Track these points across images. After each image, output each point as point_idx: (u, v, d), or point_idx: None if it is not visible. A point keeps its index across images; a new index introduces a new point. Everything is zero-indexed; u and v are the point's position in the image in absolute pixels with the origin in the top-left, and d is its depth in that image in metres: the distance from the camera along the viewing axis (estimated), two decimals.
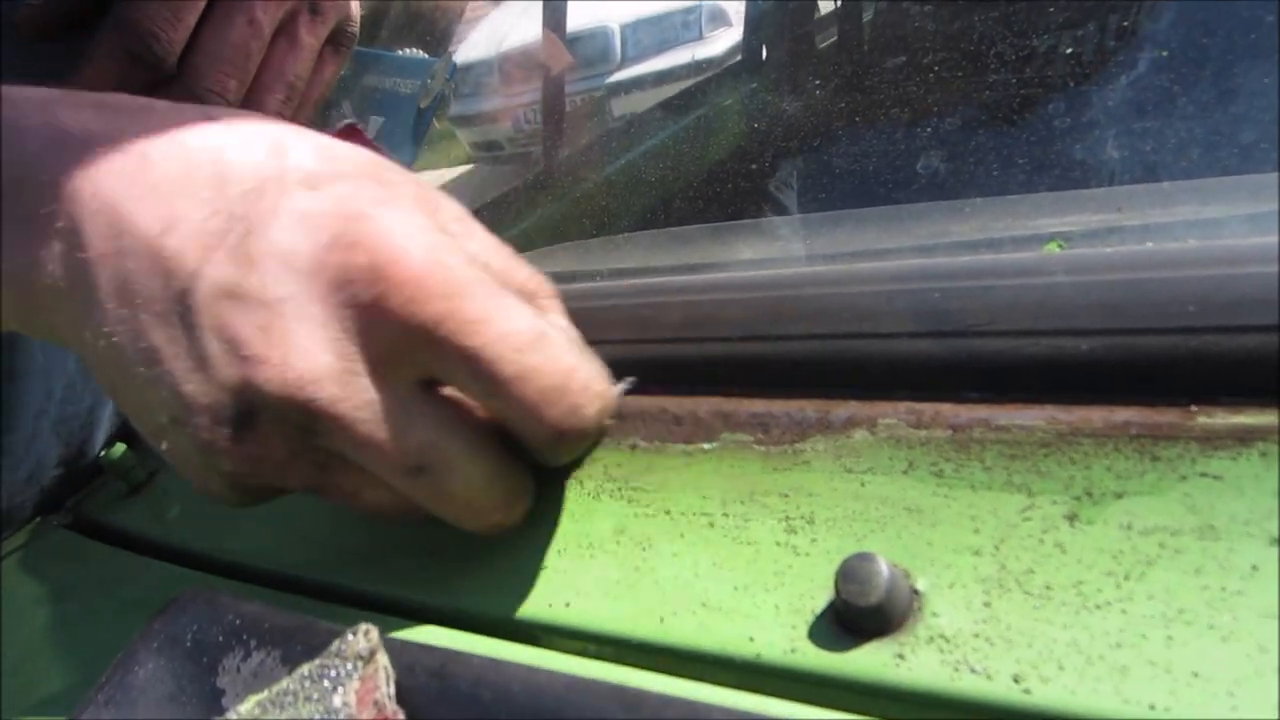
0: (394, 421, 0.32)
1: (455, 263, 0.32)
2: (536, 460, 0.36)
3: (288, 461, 0.34)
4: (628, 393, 0.39)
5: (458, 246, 0.34)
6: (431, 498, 0.34)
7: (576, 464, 0.40)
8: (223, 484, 0.35)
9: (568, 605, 0.35)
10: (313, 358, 0.31)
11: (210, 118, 0.35)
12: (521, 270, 0.37)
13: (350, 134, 0.58)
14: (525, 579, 0.37)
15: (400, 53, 0.69)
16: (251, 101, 0.54)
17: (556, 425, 0.33)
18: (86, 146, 0.33)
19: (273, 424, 0.32)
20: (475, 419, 0.35)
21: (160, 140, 0.34)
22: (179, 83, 0.51)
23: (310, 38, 0.54)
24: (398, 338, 0.32)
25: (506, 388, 0.32)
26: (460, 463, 0.33)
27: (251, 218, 0.32)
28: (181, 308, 0.31)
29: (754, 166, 0.70)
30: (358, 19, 0.59)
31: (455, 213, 0.37)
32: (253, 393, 0.31)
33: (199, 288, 0.31)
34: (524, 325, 0.32)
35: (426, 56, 0.68)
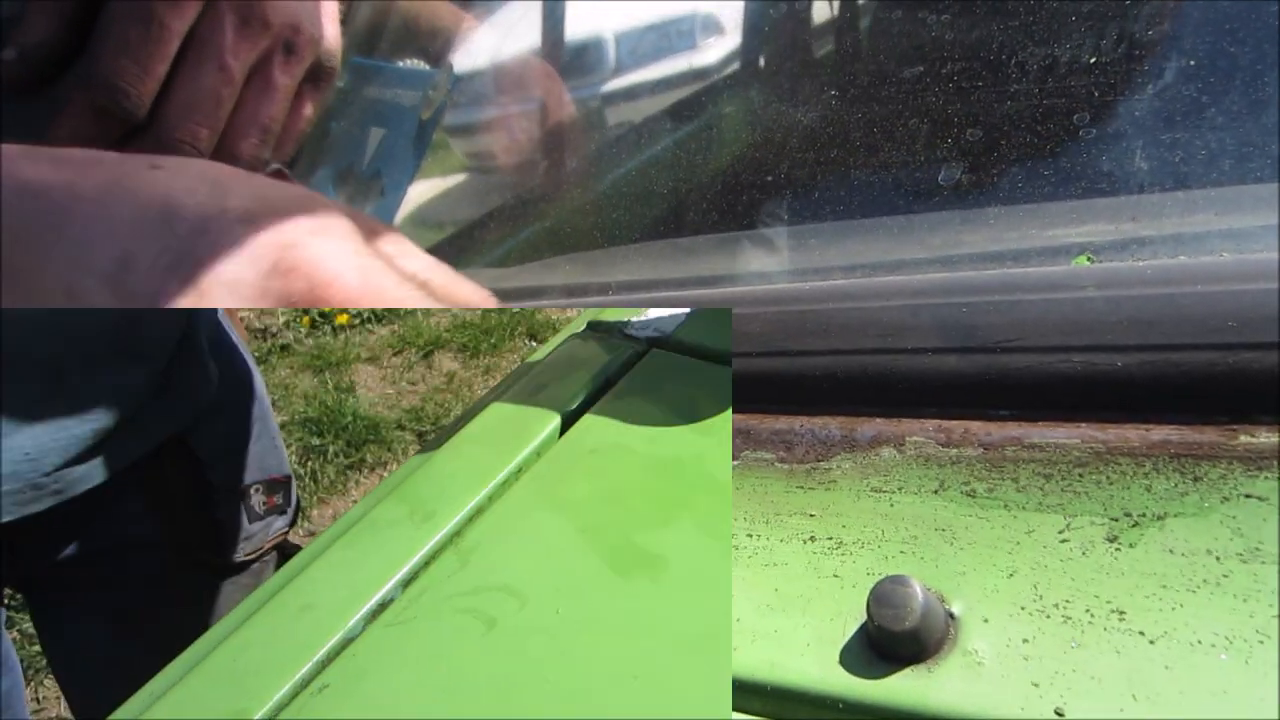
0: None
1: (387, 283, 0.35)
2: None
3: None
4: None
5: (392, 267, 0.37)
6: None
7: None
8: None
9: None
10: None
11: (155, 166, 0.38)
12: (464, 287, 0.40)
13: (278, 178, 0.58)
14: None
15: (400, 64, 0.68)
16: (224, 148, 0.53)
17: None
18: (45, 197, 0.36)
19: None
20: None
21: (113, 189, 0.37)
22: (150, 132, 0.50)
23: (285, 78, 0.54)
24: None
25: None
26: None
27: (198, 252, 0.35)
28: None
29: (759, 176, 0.69)
30: (338, 53, 0.58)
31: (392, 237, 0.40)
32: None
33: None
34: None
35: (427, 68, 0.67)
